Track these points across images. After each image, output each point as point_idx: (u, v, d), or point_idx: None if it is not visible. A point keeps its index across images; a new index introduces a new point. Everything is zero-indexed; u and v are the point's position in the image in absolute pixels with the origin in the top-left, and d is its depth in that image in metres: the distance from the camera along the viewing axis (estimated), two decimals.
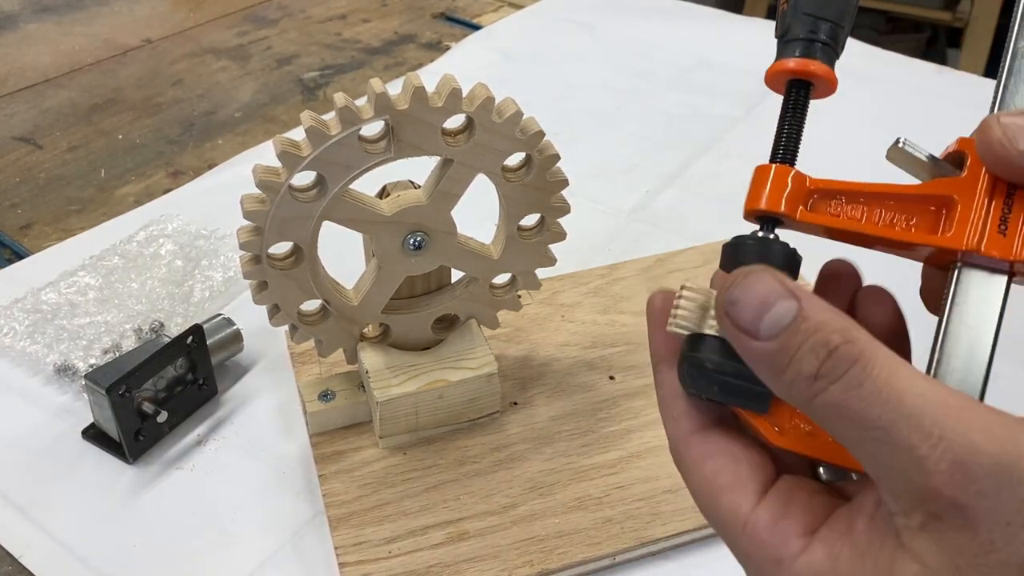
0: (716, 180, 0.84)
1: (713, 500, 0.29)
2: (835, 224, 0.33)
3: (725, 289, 0.28)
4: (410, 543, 0.50)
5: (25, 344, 0.63)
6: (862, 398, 0.25)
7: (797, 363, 0.26)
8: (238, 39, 1.11)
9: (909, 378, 0.25)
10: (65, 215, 0.80)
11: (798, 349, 0.26)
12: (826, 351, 0.25)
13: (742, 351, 0.27)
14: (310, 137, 0.44)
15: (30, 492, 0.55)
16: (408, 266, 0.51)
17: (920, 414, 0.24)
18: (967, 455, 0.24)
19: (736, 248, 0.33)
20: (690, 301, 0.31)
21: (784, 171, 0.34)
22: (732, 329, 0.27)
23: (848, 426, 0.25)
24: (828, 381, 0.25)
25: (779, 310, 0.26)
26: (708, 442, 0.31)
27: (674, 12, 1.17)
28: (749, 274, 0.27)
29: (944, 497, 0.24)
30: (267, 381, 0.62)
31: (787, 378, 0.26)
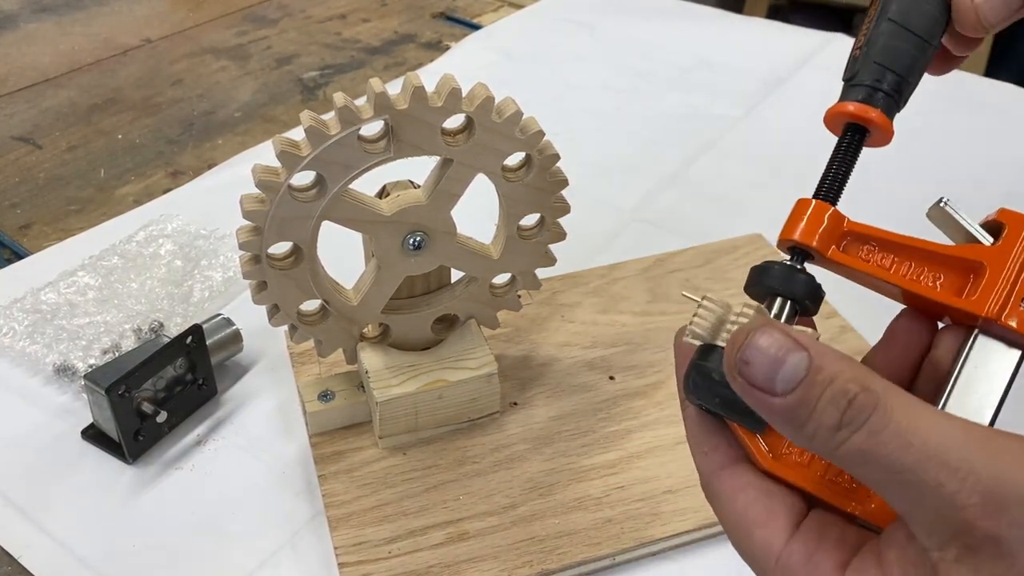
0: (716, 180, 0.84)
1: (746, 534, 0.30)
2: (864, 268, 0.34)
3: (735, 350, 0.27)
4: (410, 543, 0.50)
5: (25, 344, 0.63)
6: (886, 443, 0.25)
7: (818, 415, 0.26)
8: (238, 39, 1.11)
9: (930, 418, 0.25)
10: (65, 215, 0.80)
11: (817, 401, 0.26)
12: (846, 401, 0.25)
13: (761, 408, 0.27)
14: (310, 137, 0.44)
15: (30, 492, 0.55)
16: (408, 266, 0.51)
17: (945, 451, 0.24)
18: (996, 486, 0.24)
19: (761, 272, 0.33)
20: (709, 312, 0.31)
21: (823, 208, 0.34)
22: (747, 388, 0.27)
23: (875, 471, 0.25)
24: (851, 430, 0.25)
25: (792, 364, 0.26)
26: (739, 476, 0.31)
27: (674, 12, 1.17)
28: (755, 332, 0.27)
29: (978, 529, 0.24)
30: (267, 381, 0.62)
31: (809, 430, 0.26)
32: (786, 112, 0.94)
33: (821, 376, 0.26)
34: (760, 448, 0.31)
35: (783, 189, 0.84)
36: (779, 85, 0.99)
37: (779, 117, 0.94)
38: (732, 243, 0.71)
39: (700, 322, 0.31)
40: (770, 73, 1.01)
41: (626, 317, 0.65)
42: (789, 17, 2.17)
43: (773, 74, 1.01)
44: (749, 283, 0.34)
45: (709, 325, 0.31)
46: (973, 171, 0.83)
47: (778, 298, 0.33)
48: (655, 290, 0.67)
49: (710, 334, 0.31)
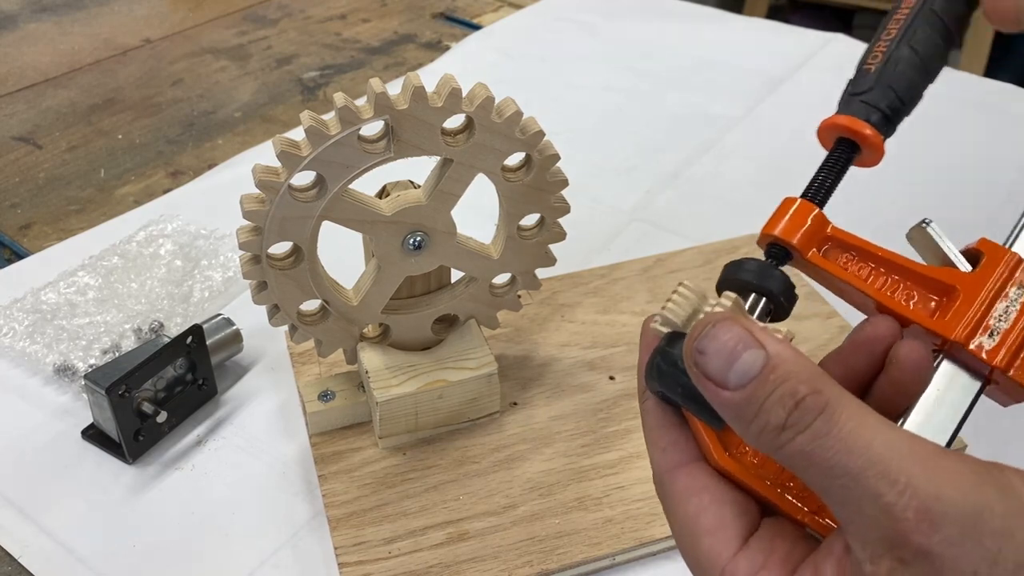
0: (716, 180, 0.84)
1: (693, 540, 0.29)
2: (840, 275, 0.34)
3: (693, 338, 0.27)
4: (410, 543, 0.50)
5: (25, 344, 0.63)
6: (828, 447, 0.25)
7: (765, 414, 0.26)
8: (238, 39, 1.11)
9: (876, 426, 0.25)
10: (65, 215, 0.80)
11: (766, 399, 0.26)
12: (793, 402, 0.25)
13: (711, 399, 0.27)
14: (310, 137, 0.44)
15: (30, 492, 0.55)
16: (408, 266, 0.51)
17: (887, 461, 0.24)
18: (933, 502, 0.24)
19: (736, 267, 0.33)
20: (683, 299, 0.31)
21: (808, 208, 0.34)
22: (701, 378, 0.27)
23: (816, 474, 0.25)
24: (795, 431, 0.25)
25: (747, 360, 0.26)
26: (694, 478, 0.31)
27: (674, 12, 1.17)
28: (717, 323, 0.27)
29: (911, 543, 0.24)
30: (267, 381, 0.62)
31: (755, 428, 0.26)
32: (786, 112, 0.94)
33: (774, 376, 0.26)
34: (716, 445, 0.31)
35: (783, 189, 0.84)
36: (779, 85, 0.99)
37: (779, 117, 0.94)
38: (732, 243, 0.71)
39: (674, 308, 0.31)
40: (770, 73, 1.01)
41: (626, 317, 0.65)
42: (789, 17, 2.17)
43: (773, 74, 1.01)
44: (723, 277, 0.33)
45: (683, 313, 0.30)
46: (973, 171, 0.83)
47: (752, 294, 0.33)
48: (655, 290, 0.67)
49: (683, 323, 0.30)
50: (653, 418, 0.32)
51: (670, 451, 0.31)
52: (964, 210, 0.78)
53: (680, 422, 0.32)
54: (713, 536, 0.29)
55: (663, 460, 0.31)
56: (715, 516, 0.29)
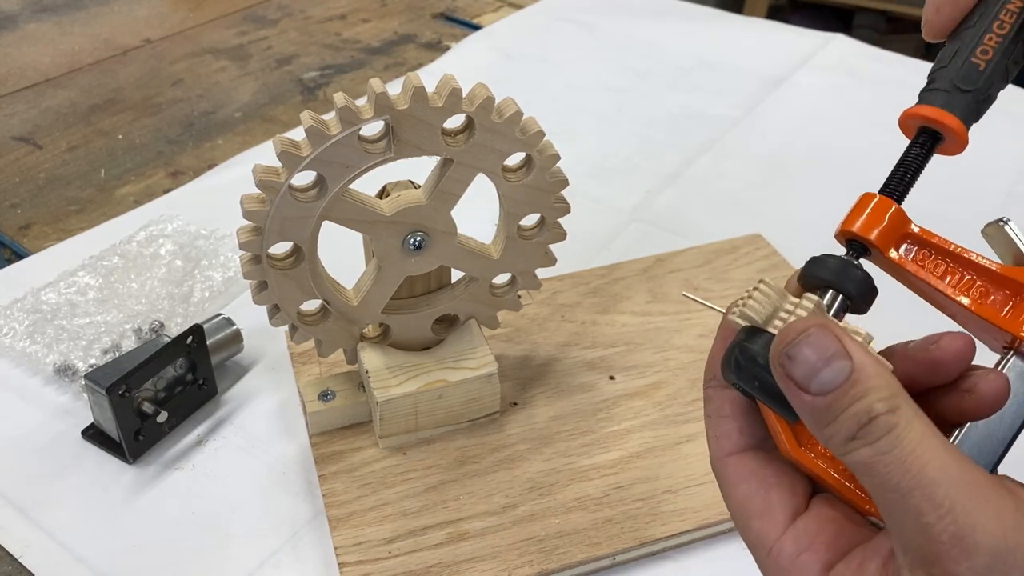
0: (716, 180, 0.84)
1: (744, 522, 0.32)
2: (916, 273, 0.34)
3: (784, 343, 0.29)
4: (410, 543, 0.50)
5: (25, 344, 0.63)
6: (888, 464, 0.26)
7: (838, 423, 0.27)
8: (238, 39, 1.11)
9: (936, 449, 0.26)
10: (65, 215, 0.80)
11: (843, 412, 0.27)
12: (868, 418, 0.27)
13: (791, 398, 0.29)
14: (310, 137, 0.44)
15: (30, 492, 0.55)
16: (408, 266, 0.51)
17: (935, 484, 0.26)
18: (969, 531, 0.25)
19: (817, 263, 0.33)
20: (765, 298, 0.31)
21: (886, 205, 0.34)
22: (785, 378, 0.28)
23: (871, 482, 0.27)
24: (862, 443, 0.27)
25: (832, 370, 0.27)
26: (743, 465, 0.33)
27: (674, 12, 1.17)
28: (810, 332, 0.28)
29: (941, 565, 0.25)
30: (267, 381, 0.62)
31: (827, 433, 0.28)
32: (786, 112, 0.94)
33: (855, 390, 0.27)
34: (789, 436, 0.32)
35: (783, 189, 0.85)
36: (778, 85, 0.99)
37: (779, 117, 0.94)
38: (732, 243, 0.71)
39: (755, 307, 0.31)
40: (770, 73, 1.01)
41: (626, 317, 0.65)
42: (789, 17, 2.17)
43: (773, 74, 1.01)
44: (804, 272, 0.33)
45: (764, 312, 0.31)
46: (972, 171, 0.83)
47: (829, 291, 0.32)
48: (655, 290, 0.67)
49: (763, 319, 0.31)
50: (712, 407, 0.34)
51: (723, 440, 0.33)
52: (963, 210, 0.78)
53: (736, 412, 0.33)
54: (761, 519, 0.31)
55: (716, 448, 0.33)
56: (762, 500, 0.31)
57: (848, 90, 0.98)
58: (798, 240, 0.73)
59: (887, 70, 1.02)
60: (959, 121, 0.35)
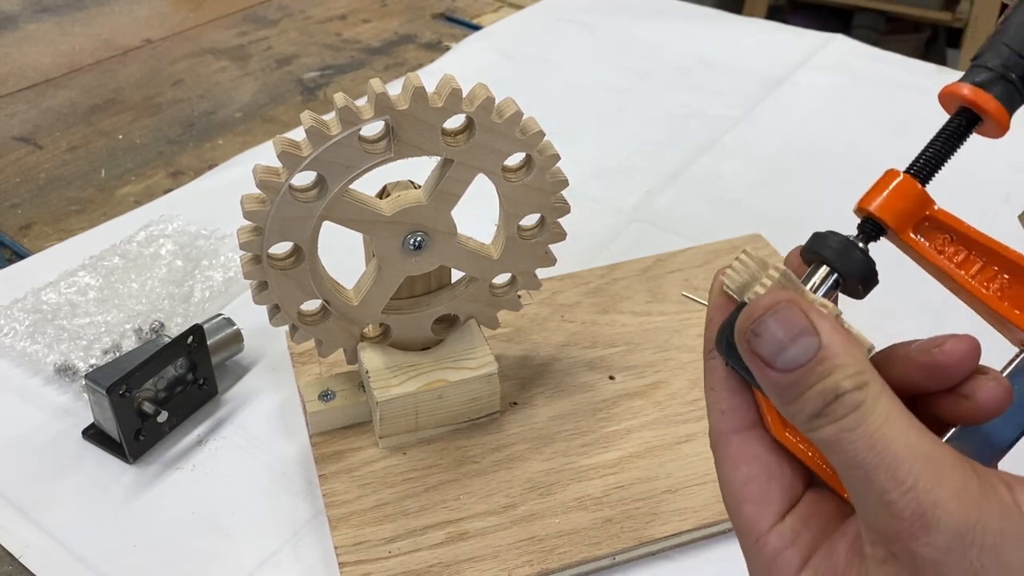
0: (716, 180, 0.84)
1: (737, 504, 0.31)
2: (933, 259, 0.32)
3: (750, 318, 0.28)
4: (410, 543, 0.50)
5: (25, 344, 0.63)
6: (852, 441, 0.26)
7: (803, 401, 0.27)
8: (238, 39, 1.12)
9: (902, 428, 0.26)
10: (65, 215, 0.80)
11: (808, 389, 0.27)
12: (834, 395, 0.27)
13: (756, 374, 0.28)
14: (310, 137, 0.44)
15: (30, 492, 0.55)
16: (408, 266, 0.51)
17: (900, 461, 0.26)
18: (929, 508, 0.25)
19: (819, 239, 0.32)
20: (743, 267, 0.31)
21: (910, 185, 0.33)
22: (748, 354, 0.28)
23: (836, 460, 0.27)
24: (827, 421, 0.27)
25: (799, 347, 0.27)
26: (748, 446, 0.32)
27: (674, 12, 1.17)
28: (778, 307, 0.28)
29: (900, 541, 0.26)
30: (267, 381, 0.62)
31: (791, 409, 0.28)
32: (786, 112, 0.94)
33: (821, 367, 0.27)
34: (775, 418, 0.31)
35: (782, 189, 0.85)
36: (778, 85, 0.99)
37: (778, 117, 0.94)
38: (731, 243, 0.71)
39: (732, 275, 0.31)
40: (769, 73, 1.01)
41: (626, 317, 0.65)
42: (788, 17, 2.17)
43: (772, 74, 1.01)
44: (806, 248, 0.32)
45: (741, 280, 0.31)
46: (971, 171, 0.83)
47: (824, 267, 0.31)
48: (654, 290, 0.67)
49: (739, 288, 0.31)
50: (717, 378, 0.33)
51: (729, 415, 0.32)
52: (962, 210, 0.78)
53: (743, 388, 0.32)
54: (755, 506, 0.31)
55: (721, 422, 0.32)
56: (760, 488, 0.31)
57: (848, 90, 0.98)
58: (798, 240, 0.72)
59: (887, 70, 1.02)
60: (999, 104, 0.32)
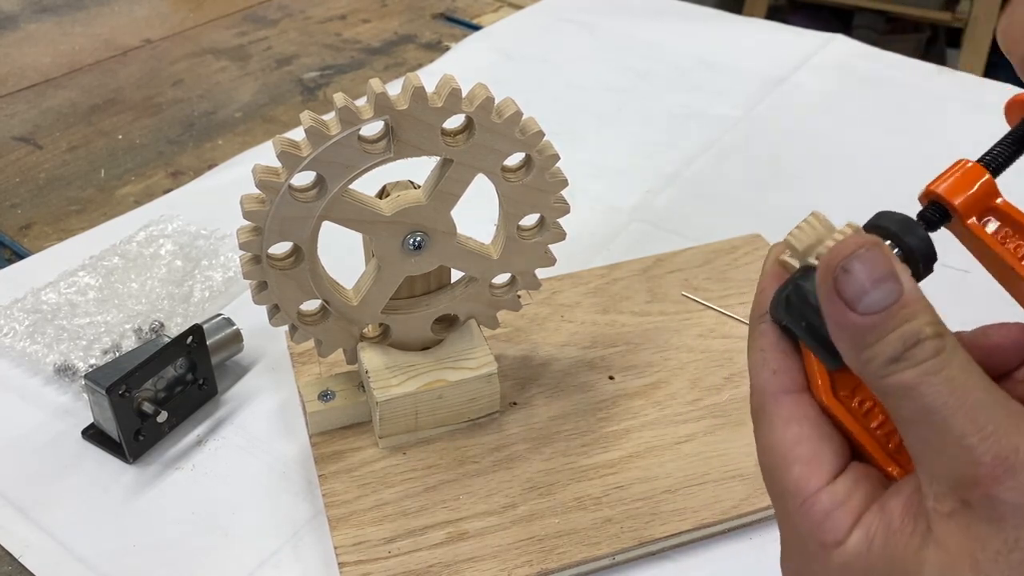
0: (716, 180, 0.84)
1: (785, 465, 0.30)
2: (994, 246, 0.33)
3: (841, 255, 0.28)
4: (410, 543, 0.50)
5: (25, 344, 0.63)
6: (933, 384, 0.26)
7: (883, 344, 0.27)
8: (238, 39, 1.11)
9: (980, 379, 0.26)
10: (65, 215, 0.80)
11: (889, 333, 0.27)
12: (915, 339, 0.26)
13: (834, 316, 0.28)
14: (310, 137, 0.44)
15: (30, 492, 0.55)
16: (408, 266, 0.51)
17: (979, 409, 0.26)
18: (1011, 452, 0.25)
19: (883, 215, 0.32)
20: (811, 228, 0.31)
21: (978, 172, 0.33)
22: (831, 293, 0.28)
23: (910, 407, 0.27)
24: (907, 364, 0.26)
25: (882, 291, 0.27)
26: (801, 406, 0.31)
27: (674, 12, 1.17)
28: (870, 247, 0.27)
29: (980, 487, 0.25)
30: (267, 381, 0.62)
31: (867, 355, 0.27)
32: (785, 112, 0.94)
33: (904, 311, 0.27)
34: (826, 383, 0.31)
35: (782, 189, 0.85)
36: (778, 85, 0.99)
37: (778, 117, 0.94)
38: (731, 243, 0.71)
39: (799, 234, 0.31)
40: (769, 73, 1.01)
41: (625, 317, 0.65)
42: (788, 17, 2.17)
43: (772, 74, 1.01)
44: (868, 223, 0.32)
45: (808, 240, 0.30)
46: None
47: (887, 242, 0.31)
48: (654, 290, 0.67)
49: (806, 249, 0.30)
50: (770, 339, 0.32)
51: (781, 376, 0.31)
52: None
53: (794, 351, 0.32)
54: (806, 466, 0.30)
55: (772, 382, 0.32)
56: (812, 448, 0.30)
57: (848, 90, 0.98)
58: None
59: (887, 70, 1.02)
60: None
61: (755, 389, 0.32)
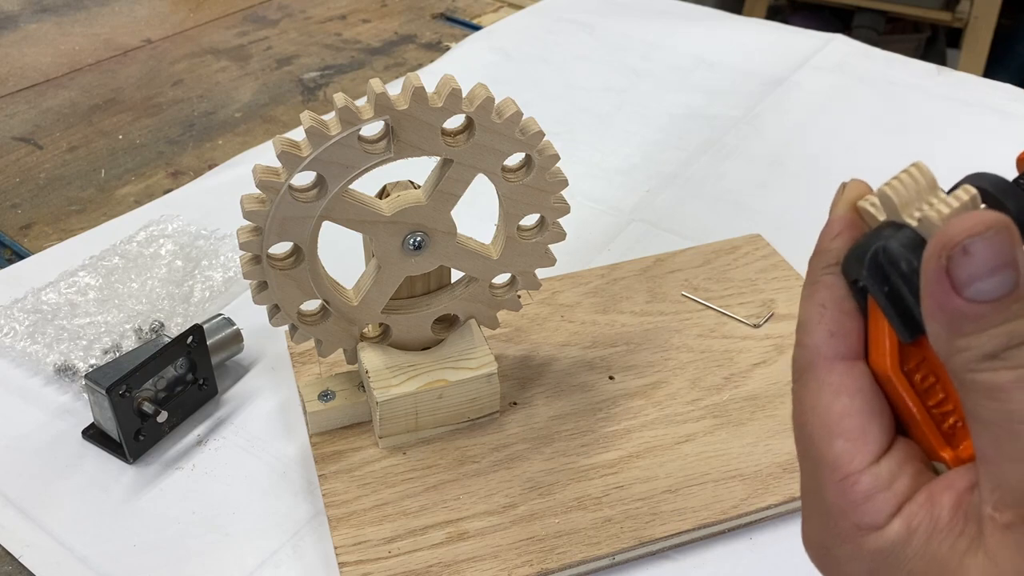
0: (716, 180, 0.84)
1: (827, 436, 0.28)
2: None
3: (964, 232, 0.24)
4: (410, 543, 0.50)
5: (25, 344, 0.63)
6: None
7: (984, 337, 0.24)
8: (238, 39, 1.12)
9: None
10: (65, 215, 0.80)
11: (994, 326, 0.24)
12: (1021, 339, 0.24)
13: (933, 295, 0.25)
14: (310, 137, 0.44)
15: (30, 492, 0.55)
16: (408, 266, 0.52)
17: None
18: None
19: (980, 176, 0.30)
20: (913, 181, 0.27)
21: None
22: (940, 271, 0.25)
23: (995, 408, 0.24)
24: (1004, 365, 0.24)
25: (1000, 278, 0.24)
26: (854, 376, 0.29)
27: (674, 12, 1.17)
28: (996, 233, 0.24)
29: None
30: (267, 381, 0.62)
31: (961, 344, 0.25)
32: (785, 112, 0.94)
33: (1017, 306, 0.24)
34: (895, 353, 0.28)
35: (782, 189, 0.85)
36: (778, 85, 0.99)
37: (778, 117, 0.94)
38: (731, 243, 0.71)
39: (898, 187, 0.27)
40: (769, 73, 1.01)
41: (626, 317, 0.65)
42: (788, 17, 2.17)
43: (772, 74, 1.01)
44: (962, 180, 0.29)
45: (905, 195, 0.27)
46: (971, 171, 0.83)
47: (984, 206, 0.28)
48: (655, 290, 0.67)
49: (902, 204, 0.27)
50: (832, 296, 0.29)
51: (838, 339, 0.29)
52: None
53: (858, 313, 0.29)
54: (851, 443, 0.28)
55: (828, 344, 0.29)
56: (859, 424, 0.28)
57: (848, 90, 0.98)
58: (798, 240, 0.73)
59: (887, 70, 1.02)
60: None
61: (806, 346, 0.29)
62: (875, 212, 0.28)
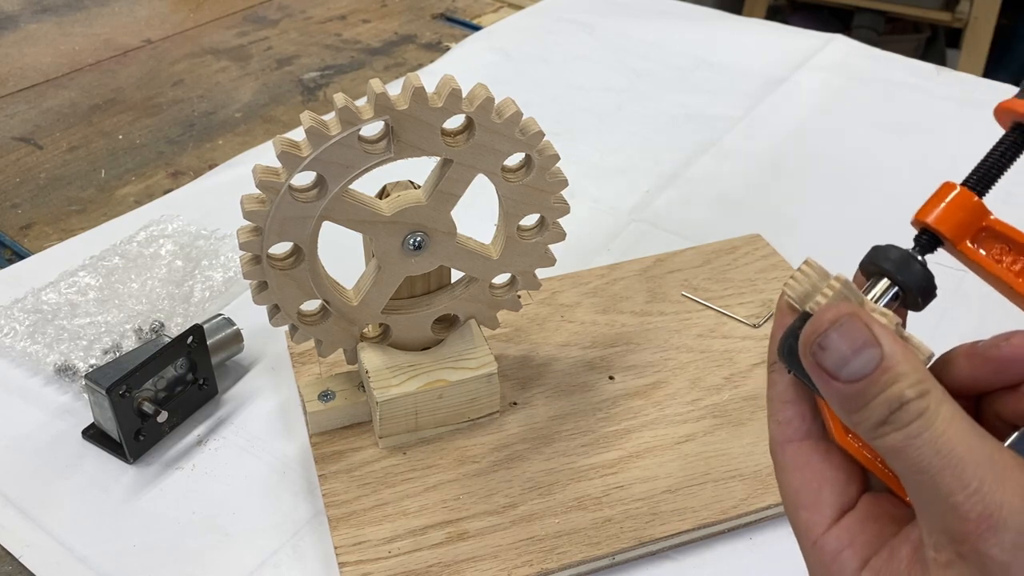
0: (716, 180, 0.84)
1: (793, 510, 0.32)
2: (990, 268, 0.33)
3: (816, 332, 0.29)
4: (410, 543, 0.50)
5: (25, 344, 0.63)
6: (918, 447, 0.27)
7: (868, 410, 0.28)
8: (238, 39, 1.12)
9: (965, 432, 0.27)
10: (65, 215, 0.80)
11: (873, 398, 0.28)
12: (898, 403, 0.27)
13: (820, 385, 0.29)
14: (310, 137, 0.44)
15: (30, 492, 0.55)
16: (408, 266, 0.52)
17: (964, 464, 0.26)
18: (995, 509, 0.26)
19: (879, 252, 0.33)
20: (805, 277, 0.31)
21: (967, 197, 0.33)
22: (814, 367, 0.29)
23: (901, 466, 0.28)
24: (892, 428, 0.27)
25: (862, 359, 0.28)
26: (801, 454, 0.33)
27: (674, 12, 1.17)
28: (843, 322, 0.28)
29: (969, 542, 0.26)
30: (267, 381, 0.62)
31: (856, 419, 0.28)
32: (785, 112, 0.95)
33: (885, 377, 0.28)
34: (838, 423, 0.32)
35: (782, 189, 0.85)
36: (778, 85, 0.99)
37: (778, 117, 0.94)
38: (731, 243, 0.71)
39: (794, 285, 0.31)
40: (769, 73, 1.01)
41: (626, 317, 0.65)
42: (788, 18, 2.17)
43: (772, 74, 1.01)
44: (866, 260, 0.33)
45: (802, 289, 0.31)
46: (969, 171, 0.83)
47: (884, 280, 0.32)
48: (654, 290, 0.67)
49: (801, 298, 0.31)
50: (777, 391, 0.34)
51: (784, 426, 0.33)
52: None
53: (799, 399, 0.33)
54: (809, 511, 0.32)
55: (778, 432, 0.33)
56: (813, 493, 0.32)
57: (848, 90, 0.98)
58: (798, 240, 0.73)
59: (887, 70, 1.02)
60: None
61: (769, 437, 0.34)
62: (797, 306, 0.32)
